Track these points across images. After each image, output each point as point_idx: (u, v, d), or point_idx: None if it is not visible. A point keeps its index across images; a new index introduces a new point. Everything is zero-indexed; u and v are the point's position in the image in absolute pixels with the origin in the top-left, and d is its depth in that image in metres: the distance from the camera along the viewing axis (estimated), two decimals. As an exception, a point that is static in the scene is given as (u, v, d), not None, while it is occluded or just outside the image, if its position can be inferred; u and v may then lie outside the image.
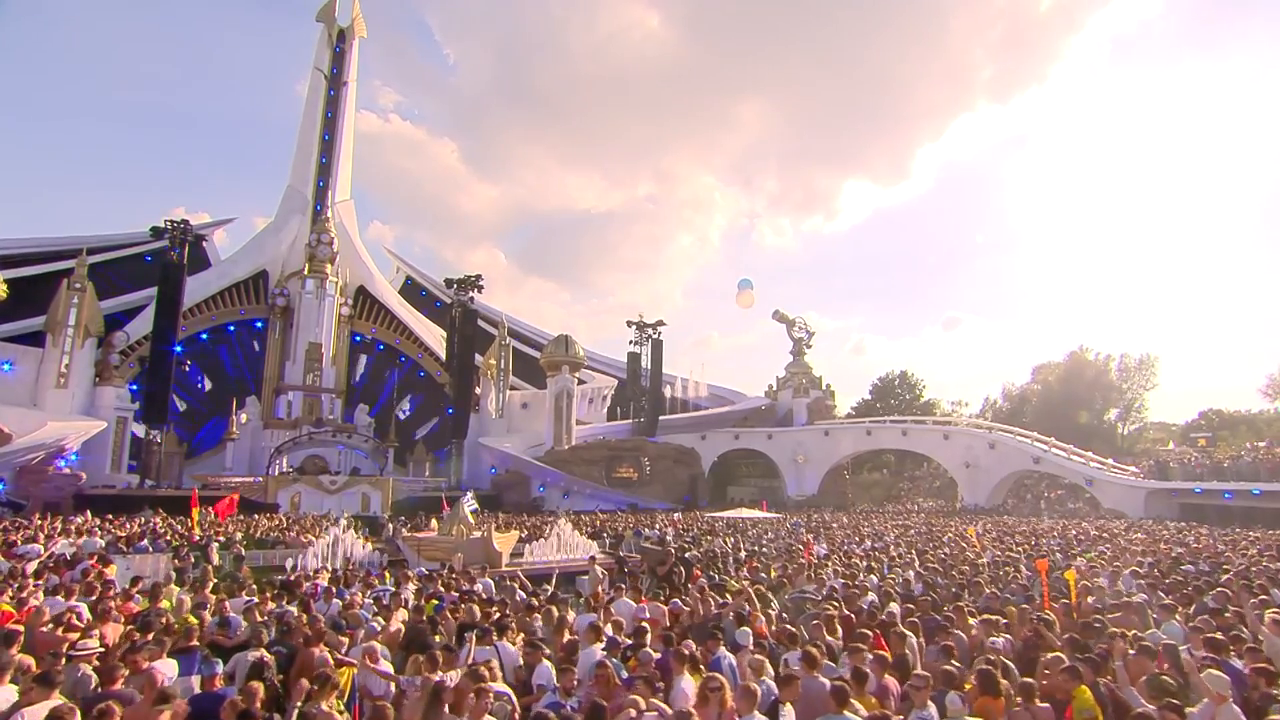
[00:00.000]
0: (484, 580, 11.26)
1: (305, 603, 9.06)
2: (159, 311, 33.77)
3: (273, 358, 45.72)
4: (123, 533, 18.41)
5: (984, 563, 13.72)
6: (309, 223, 49.10)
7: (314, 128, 51.22)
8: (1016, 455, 42.46)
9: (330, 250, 46.38)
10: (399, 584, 10.41)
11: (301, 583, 11.03)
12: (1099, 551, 15.35)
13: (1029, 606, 8.37)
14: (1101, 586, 10.37)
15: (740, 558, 14.82)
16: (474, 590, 10.00)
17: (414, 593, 9.96)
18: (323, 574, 11.26)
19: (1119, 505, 33.56)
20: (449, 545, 16.35)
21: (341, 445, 41.27)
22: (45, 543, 15.63)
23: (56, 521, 20.70)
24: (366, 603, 9.06)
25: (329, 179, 50.96)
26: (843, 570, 12.21)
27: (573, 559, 17.19)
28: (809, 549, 15.04)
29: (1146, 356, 58.80)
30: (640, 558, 18.30)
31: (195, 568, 13.65)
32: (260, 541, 17.36)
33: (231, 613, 8.38)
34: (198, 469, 39.73)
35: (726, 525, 25.87)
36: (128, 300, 43.04)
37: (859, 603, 8.74)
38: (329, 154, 51.32)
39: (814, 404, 55.22)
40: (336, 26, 53.24)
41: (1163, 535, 20.26)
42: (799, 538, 19.64)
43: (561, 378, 45.99)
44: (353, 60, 53.57)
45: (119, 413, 37.09)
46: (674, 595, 9.88)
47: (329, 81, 52.47)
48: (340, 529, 16.20)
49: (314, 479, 33.09)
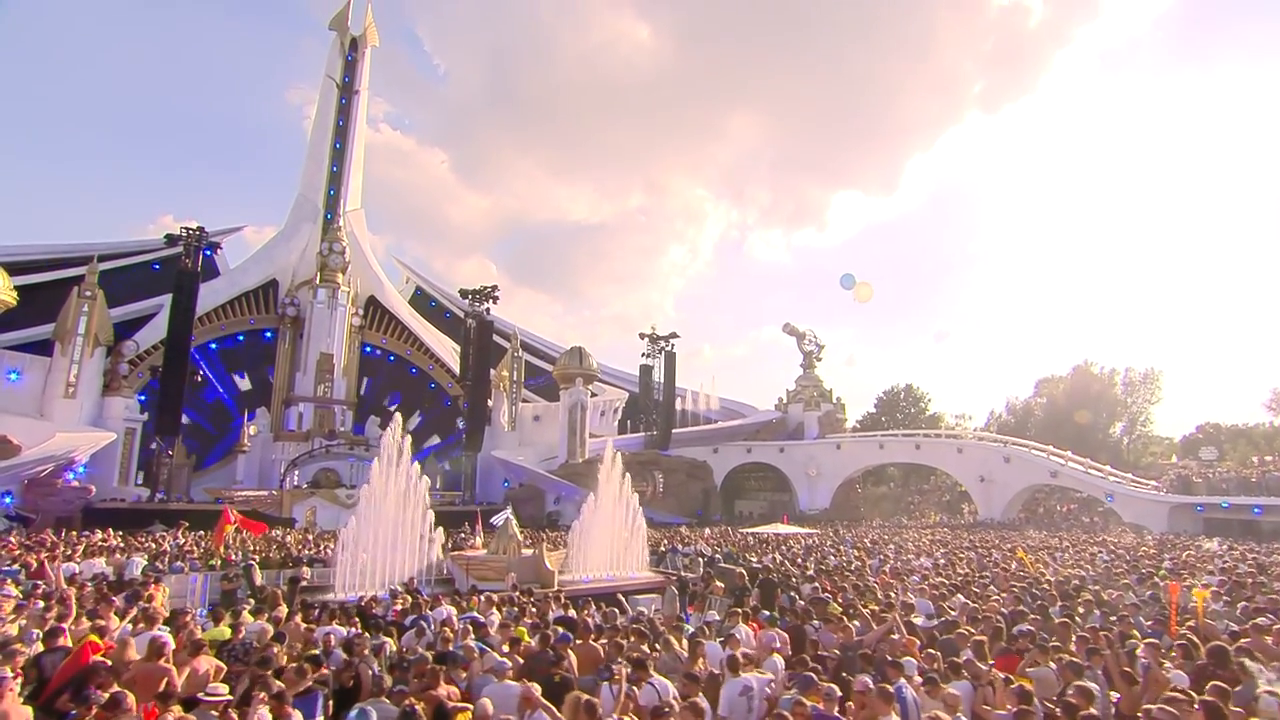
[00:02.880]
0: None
1: (389, 631, 8.44)
2: (173, 319, 32.98)
3: (282, 368, 44.84)
4: (140, 549, 17.63)
5: (1050, 582, 13.29)
6: (320, 231, 48.46)
7: (325, 135, 50.71)
8: (1032, 469, 42.22)
9: (342, 259, 45.76)
10: (484, 608, 9.79)
11: (373, 607, 10.42)
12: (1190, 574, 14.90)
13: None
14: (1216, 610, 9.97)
15: (808, 575, 14.30)
16: (570, 616, 9.41)
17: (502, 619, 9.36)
18: (401, 598, 10.59)
19: (1140, 520, 33.30)
20: (500, 564, 15.73)
21: (352, 458, 40.43)
22: (80, 561, 14.88)
23: (80, 537, 19.85)
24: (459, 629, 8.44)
25: (340, 187, 50.41)
26: (929, 591, 11.73)
27: (630, 577, 16.64)
28: (881, 576, 14.54)
29: (1151, 370, 59.05)
30: (696, 576, 17.80)
31: (242, 590, 12.97)
32: (298, 560, 16.61)
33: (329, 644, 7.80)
34: (207, 482, 38.74)
35: (758, 541, 25.34)
36: (134, 309, 42.13)
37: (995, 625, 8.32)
38: (340, 162, 50.82)
39: (825, 417, 54.96)
40: (349, 35, 52.96)
41: (1211, 550, 19.94)
42: (851, 555, 19.19)
43: (575, 390, 45.39)
44: (364, 68, 53.23)
45: (128, 424, 36.17)
46: (772, 618, 9.37)
47: (341, 89, 52.07)
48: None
49: (330, 493, 32.25)
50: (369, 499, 15.36)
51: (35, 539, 19.13)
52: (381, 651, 7.45)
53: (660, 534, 28.41)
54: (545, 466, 44.02)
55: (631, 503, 18.79)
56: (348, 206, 50.49)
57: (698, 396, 58.92)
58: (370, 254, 51.81)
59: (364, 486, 16.10)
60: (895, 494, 62.61)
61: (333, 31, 53.04)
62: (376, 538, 14.85)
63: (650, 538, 22.79)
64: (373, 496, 15.25)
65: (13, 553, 15.82)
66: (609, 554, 17.95)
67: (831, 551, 20.77)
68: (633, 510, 18.82)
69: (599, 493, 18.29)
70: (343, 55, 52.65)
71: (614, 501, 18.40)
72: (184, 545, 18.82)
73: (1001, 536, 27.69)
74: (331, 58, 52.74)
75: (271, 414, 43.28)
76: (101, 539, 19.84)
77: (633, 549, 18.56)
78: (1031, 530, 32.97)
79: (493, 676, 6.48)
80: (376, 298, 50.23)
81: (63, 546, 16.98)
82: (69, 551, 16.07)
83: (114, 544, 18.63)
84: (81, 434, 32.89)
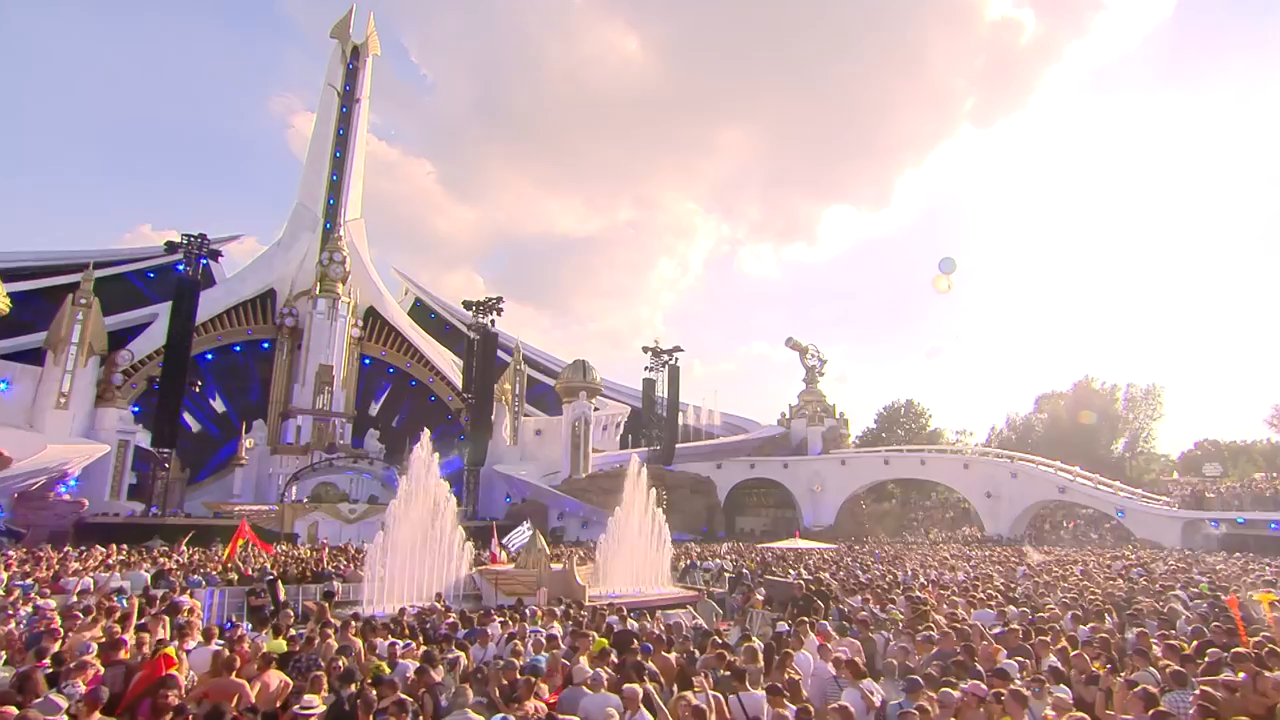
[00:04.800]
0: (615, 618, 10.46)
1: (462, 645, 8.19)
2: (173, 328, 32.47)
3: (280, 380, 44.28)
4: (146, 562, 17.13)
5: (1097, 594, 13.23)
6: (319, 241, 48.17)
7: (326, 144, 50.58)
8: (1040, 484, 42.33)
9: (343, 270, 45.43)
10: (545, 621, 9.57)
11: (425, 620, 10.15)
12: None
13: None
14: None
15: (849, 588, 14.17)
16: (629, 629, 9.21)
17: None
18: (448, 611, 10.33)
19: (1153, 536, 33.29)
20: (530, 579, 15.46)
21: (350, 471, 39.86)
22: (93, 575, 14.43)
23: (83, 553, 19.28)
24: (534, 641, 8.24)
25: (340, 196, 50.21)
26: (986, 602, 11.62)
27: (658, 592, 16.43)
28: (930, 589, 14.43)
29: (1153, 386, 59.34)
30: (722, 591, 17.61)
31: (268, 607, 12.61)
32: (320, 575, 16.22)
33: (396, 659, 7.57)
34: (201, 496, 37.97)
35: (775, 557, 25.17)
36: (128, 318, 41.52)
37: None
38: (340, 171, 50.66)
39: (829, 432, 54.98)
40: (350, 43, 53.08)
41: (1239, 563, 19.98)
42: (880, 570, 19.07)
43: (578, 404, 45.18)
44: (366, 77, 53.31)
45: (121, 436, 35.45)
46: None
47: (341, 98, 52.08)
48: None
49: (332, 507, 31.69)
50: (396, 514, 15.22)
51: (34, 554, 18.57)
52: (456, 666, 7.23)
53: (674, 550, 28.20)
54: (548, 482, 43.65)
55: (658, 517, 18.62)
56: (348, 216, 50.29)
57: (700, 412, 58.82)
58: (370, 265, 51.54)
59: (392, 502, 15.93)
60: (897, 511, 62.54)
61: (334, 40, 53.18)
62: (405, 552, 14.69)
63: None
64: (402, 511, 15.09)
65: (11, 568, 15.33)
66: (636, 569, 17.75)
67: (858, 567, 20.64)
68: (658, 525, 18.66)
69: (625, 507, 18.13)
70: (344, 63, 52.74)
71: (641, 516, 18.23)
72: (194, 560, 18.33)
73: (1020, 552, 27.70)
74: (332, 66, 52.80)
75: (268, 426, 42.64)
76: (104, 554, 19.30)
77: (658, 564, 18.41)
78: (1045, 546, 33.00)
79: (585, 689, 6.31)
80: (376, 309, 49.88)
81: (74, 562, 16.47)
82: (79, 567, 15.58)
83: (125, 559, 18.13)
84: (74, 446, 32.14)
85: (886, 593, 13.69)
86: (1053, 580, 15.07)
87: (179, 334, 32.37)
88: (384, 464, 40.77)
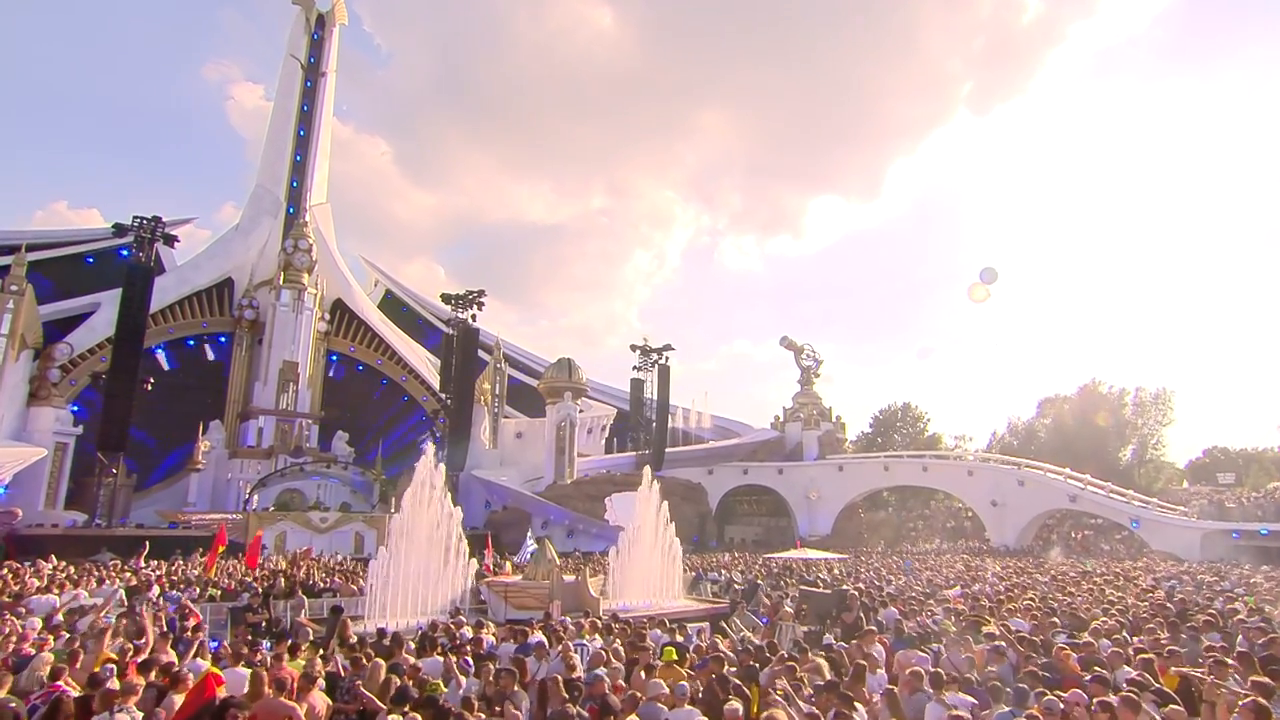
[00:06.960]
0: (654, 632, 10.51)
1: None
2: (122, 319, 31.57)
3: (239, 377, 43.35)
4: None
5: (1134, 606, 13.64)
6: (281, 226, 47.26)
7: (288, 120, 49.57)
8: (1049, 493, 43.22)
9: (309, 258, 44.62)
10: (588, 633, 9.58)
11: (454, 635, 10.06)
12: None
13: None
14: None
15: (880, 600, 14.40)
16: (680, 643, 9.26)
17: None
18: (470, 627, 10.26)
19: (1170, 547, 33.95)
20: (542, 591, 15.45)
21: (317, 477, 39.21)
22: (59, 592, 14.01)
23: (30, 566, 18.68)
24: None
25: (304, 178, 49.32)
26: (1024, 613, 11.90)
27: (671, 604, 16.60)
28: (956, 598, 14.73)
29: (1162, 390, 59.83)
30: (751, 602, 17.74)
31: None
32: (308, 589, 15.96)
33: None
34: (148, 504, 37.03)
35: (782, 567, 25.46)
36: (65, 307, 40.28)
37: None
38: (304, 151, 49.77)
39: (825, 437, 55.57)
40: (315, 10, 52.11)
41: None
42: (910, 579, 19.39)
43: (563, 405, 45.03)
44: (332, 49, 52.40)
45: (59, 438, 34.50)
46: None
47: (305, 71, 51.13)
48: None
49: (302, 516, 31.19)
50: (400, 526, 15.20)
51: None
52: (514, 679, 7.20)
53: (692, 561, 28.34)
54: (530, 488, 43.46)
55: (670, 527, 18.78)
56: (313, 200, 49.41)
57: (689, 414, 59.03)
58: (337, 253, 50.69)
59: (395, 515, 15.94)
60: (894, 520, 63.41)
61: (296, 5, 52.12)
62: (409, 564, 14.65)
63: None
64: (404, 523, 15.07)
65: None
66: (650, 580, 17.88)
67: (875, 577, 20.98)
68: (670, 534, 18.81)
69: (638, 516, 18.24)
70: (308, 33, 51.77)
71: (653, 525, 18.35)
72: (176, 571, 17.89)
73: (1037, 563, 28.36)
74: (294, 35, 51.75)
75: (226, 428, 41.70)
76: (53, 568, 18.70)
77: (670, 576, 18.59)
78: (1060, 557, 33.84)
79: (662, 706, 6.37)
80: (344, 301, 49.14)
81: (32, 579, 15.97)
82: (43, 583, 15.12)
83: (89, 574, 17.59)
84: (4, 449, 31.19)
85: (923, 604, 13.99)
86: (1094, 589, 15.47)
87: (130, 326, 31.49)
88: (355, 469, 40.19)
